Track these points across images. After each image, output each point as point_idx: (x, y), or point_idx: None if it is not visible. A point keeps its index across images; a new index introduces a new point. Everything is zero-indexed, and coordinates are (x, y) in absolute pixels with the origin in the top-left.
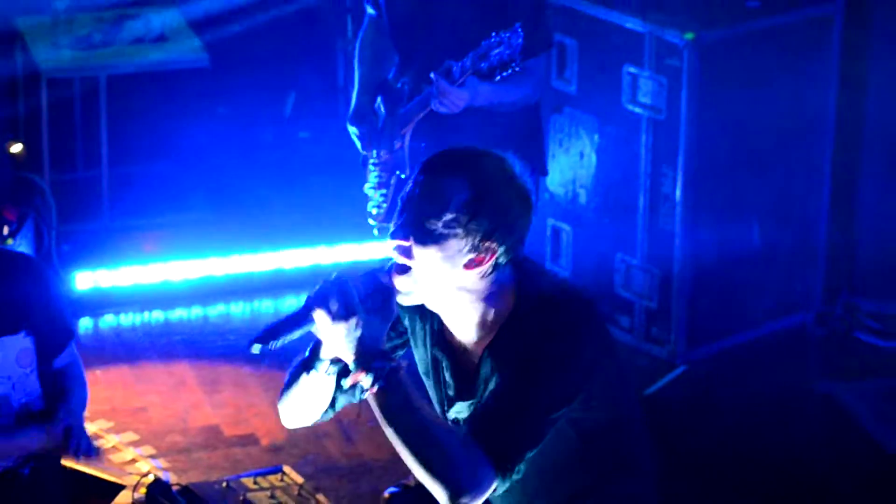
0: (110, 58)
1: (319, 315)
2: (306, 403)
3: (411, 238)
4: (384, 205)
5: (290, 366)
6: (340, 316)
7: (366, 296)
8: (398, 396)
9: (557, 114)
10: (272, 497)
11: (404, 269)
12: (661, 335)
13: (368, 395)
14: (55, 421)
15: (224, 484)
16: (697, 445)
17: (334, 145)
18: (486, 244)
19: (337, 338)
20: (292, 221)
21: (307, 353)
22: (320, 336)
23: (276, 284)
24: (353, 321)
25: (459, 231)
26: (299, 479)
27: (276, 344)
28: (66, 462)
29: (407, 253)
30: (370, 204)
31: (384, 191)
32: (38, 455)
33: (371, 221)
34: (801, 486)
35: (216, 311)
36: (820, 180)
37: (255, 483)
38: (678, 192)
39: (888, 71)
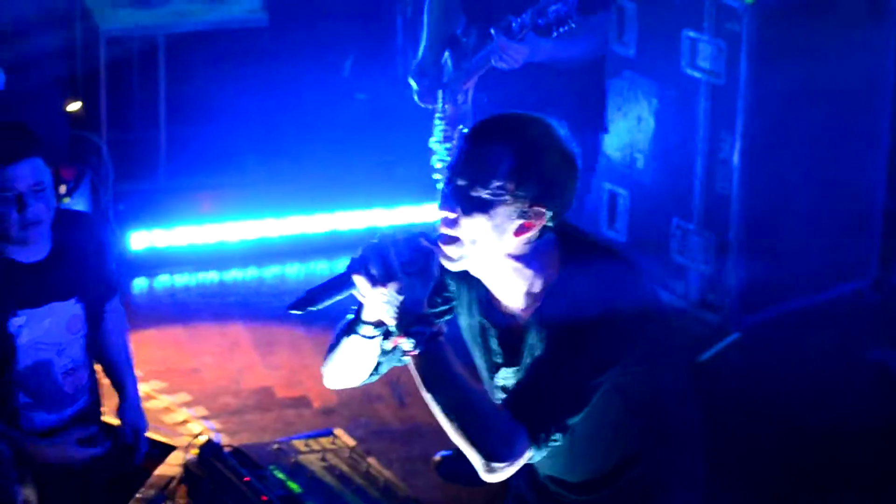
0: (169, 17)
1: (359, 279)
2: (349, 366)
3: (458, 208)
4: (448, 158)
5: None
6: (380, 280)
7: (406, 260)
8: (437, 361)
9: (616, 77)
10: (323, 460)
11: (452, 239)
12: (715, 301)
13: (409, 359)
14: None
15: (276, 446)
16: (750, 412)
17: (391, 107)
18: (534, 209)
19: (377, 301)
20: (348, 183)
21: (351, 316)
22: (362, 300)
23: (331, 246)
24: (392, 285)
25: (507, 198)
26: (351, 442)
27: (316, 308)
28: (118, 422)
29: (454, 223)
30: (434, 158)
31: (448, 145)
32: (82, 418)
33: (435, 175)
34: (853, 455)
35: (271, 272)
36: (877, 146)
37: (307, 445)
38: (736, 158)
39: None
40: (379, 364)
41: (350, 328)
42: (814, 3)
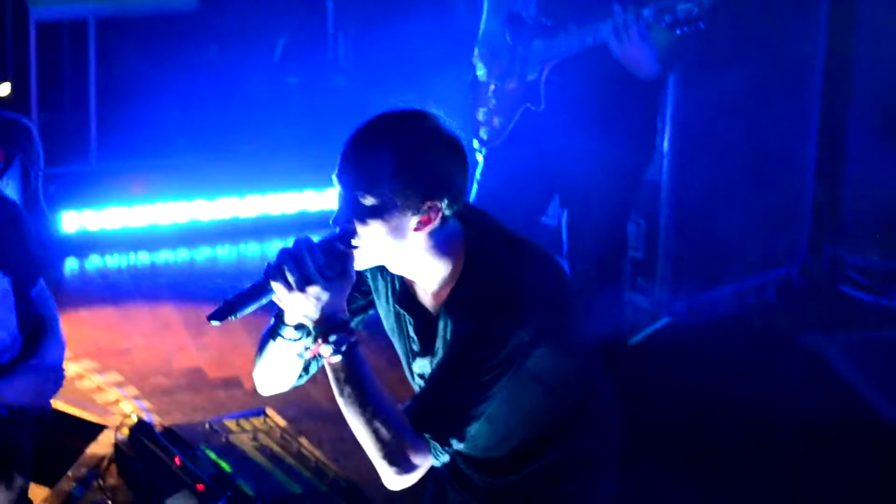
0: (100, 1)
1: (277, 286)
2: (277, 369)
3: (354, 220)
4: (496, 129)
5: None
6: (297, 286)
7: (324, 264)
8: (354, 372)
9: None
10: (254, 439)
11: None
12: (646, 285)
13: (325, 364)
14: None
15: (207, 426)
16: (680, 395)
17: (322, 91)
18: (428, 204)
19: (297, 307)
20: (279, 166)
21: (272, 320)
22: (281, 305)
23: (262, 228)
24: (310, 290)
25: (397, 200)
26: (282, 423)
27: (236, 316)
28: (52, 400)
29: (353, 234)
30: (482, 130)
31: (501, 118)
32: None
33: (476, 144)
34: (781, 438)
35: (202, 254)
36: (807, 132)
37: (238, 425)
38: (665, 144)
39: (876, 21)
40: (308, 364)
41: (273, 332)
42: None
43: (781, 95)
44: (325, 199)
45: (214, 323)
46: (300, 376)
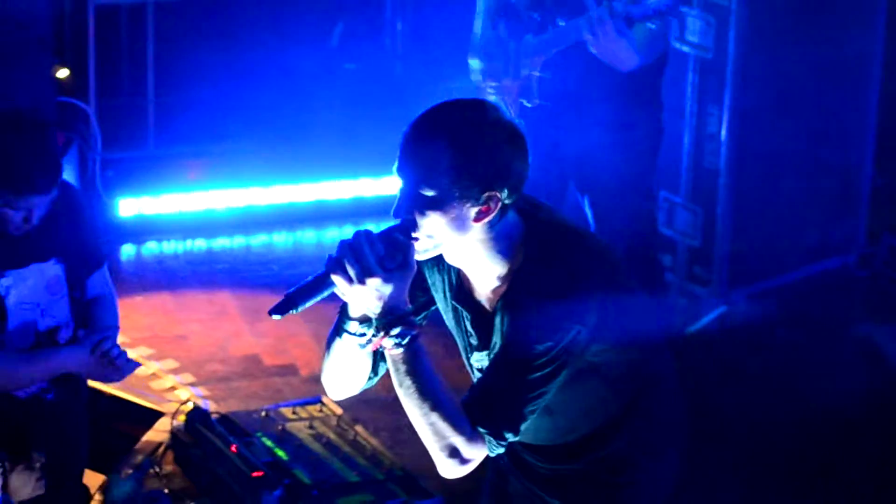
0: None
1: (337, 279)
2: (346, 369)
3: (414, 212)
4: None
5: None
6: (358, 278)
7: (384, 255)
8: (415, 364)
9: None
10: (311, 427)
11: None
12: (703, 274)
13: (387, 356)
14: (80, 342)
15: (263, 413)
16: (736, 384)
17: (380, 77)
18: (487, 194)
19: (358, 300)
20: (336, 152)
21: (337, 318)
22: (343, 298)
23: (318, 215)
24: (371, 282)
25: (456, 190)
26: (338, 411)
27: (297, 310)
28: (108, 388)
29: (413, 225)
30: None
31: None
32: (63, 381)
33: None
34: (835, 426)
35: (259, 240)
36: (865, 121)
37: (294, 413)
38: (723, 132)
39: None
40: (376, 365)
41: (338, 328)
42: None
43: (839, 81)
44: (382, 185)
45: (276, 317)
46: (369, 378)
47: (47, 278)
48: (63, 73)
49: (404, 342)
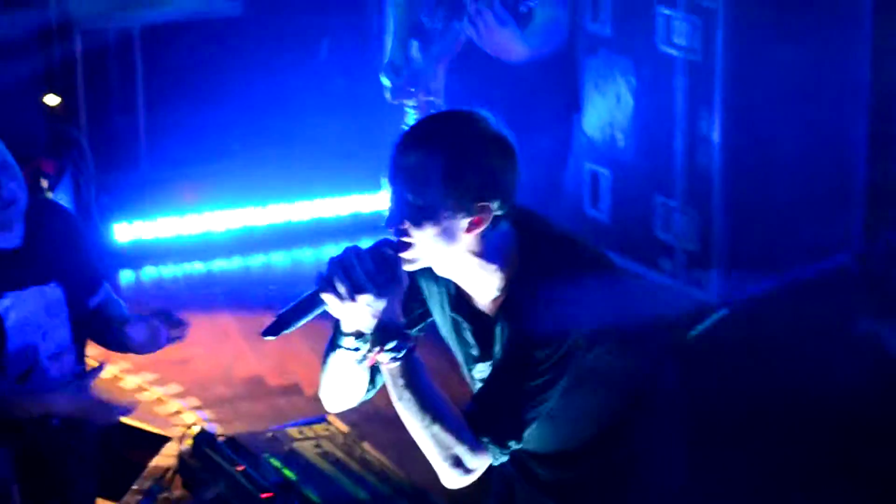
0: (143, 8)
1: (328, 297)
2: (343, 383)
3: (406, 221)
4: None
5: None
6: (348, 295)
7: (374, 271)
8: (412, 376)
9: (592, 56)
10: (318, 446)
11: (407, 246)
12: (702, 277)
13: (383, 370)
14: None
15: (269, 434)
16: (740, 387)
17: (370, 91)
18: (479, 204)
19: (351, 316)
20: (331, 170)
21: (332, 333)
22: (336, 315)
23: (315, 233)
24: (362, 299)
25: (448, 201)
26: (344, 428)
27: (290, 330)
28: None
29: (405, 234)
30: None
31: None
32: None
33: None
34: (842, 425)
35: (257, 261)
36: (857, 118)
37: (301, 433)
38: (716, 134)
39: None
40: (374, 377)
41: (333, 343)
42: None
43: (830, 79)
44: (378, 201)
45: (269, 338)
46: (368, 390)
47: (47, 301)
48: (53, 99)
49: (400, 356)
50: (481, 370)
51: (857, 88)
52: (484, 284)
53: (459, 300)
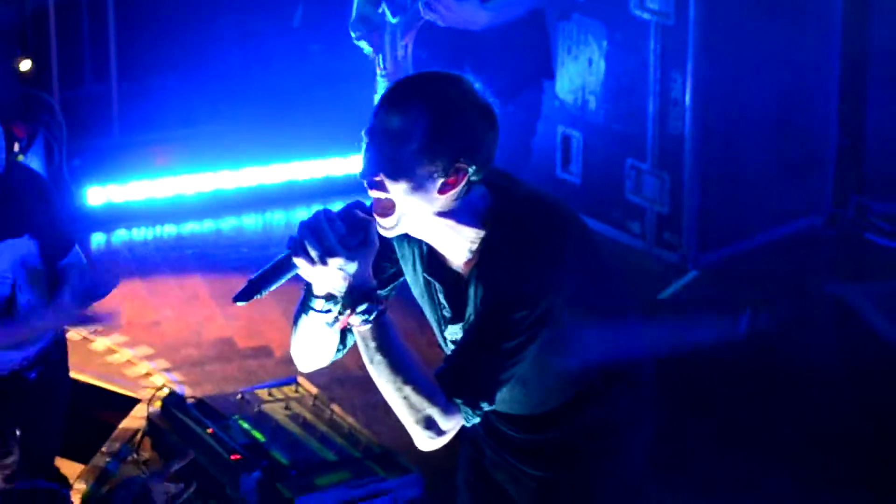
0: None
1: (299, 261)
2: (313, 343)
3: (381, 174)
4: None
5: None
6: (320, 259)
7: (345, 234)
8: (383, 338)
9: (565, 21)
10: (287, 408)
11: (384, 209)
12: (672, 240)
13: (355, 332)
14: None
15: (239, 396)
16: (708, 350)
17: (344, 57)
18: (456, 166)
19: (322, 280)
20: (304, 133)
21: (303, 294)
22: (307, 279)
23: (288, 196)
24: (334, 261)
25: (426, 158)
26: (314, 390)
27: (262, 294)
28: (82, 377)
29: (381, 187)
30: None
31: None
32: (47, 362)
33: None
34: (811, 386)
35: (228, 224)
36: (828, 84)
37: (270, 394)
38: (687, 97)
39: None
40: (344, 337)
41: (304, 305)
42: None
43: (801, 44)
44: (351, 164)
45: (240, 304)
46: (338, 350)
47: (21, 254)
48: (25, 64)
49: (371, 318)
50: (453, 332)
51: (828, 54)
52: (457, 245)
53: (432, 260)
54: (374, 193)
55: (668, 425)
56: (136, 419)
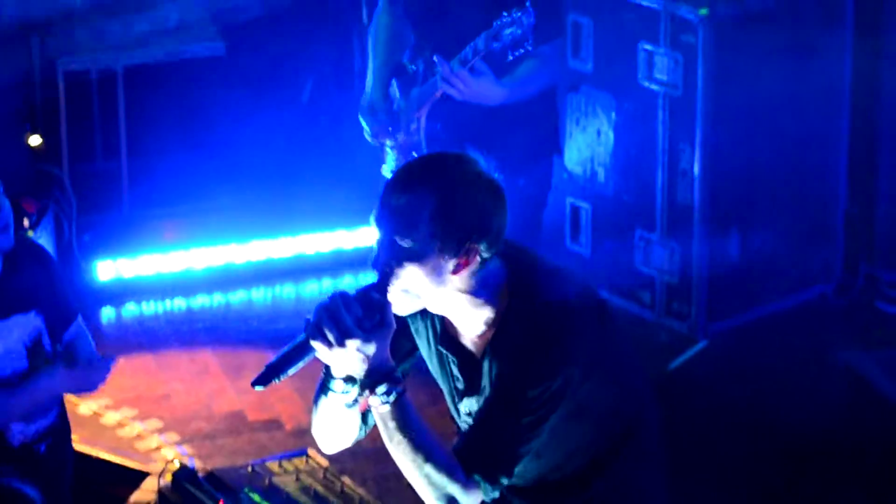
0: (126, 49)
1: (317, 344)
2: (335, 424)
3: (392, 263)
4: None
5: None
6: (337, 341)
7: (362, 316)
8: (403, 418)
9: (574, 92)
10: (298, 480)
11: (393, 287)
12: (682, 309)
13: (374, 412)
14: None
15: (249, 469)
16: (721, 419)
17: (352, 130)
18: (466, 246)
19: (341, 362)
20: (312, 207)
21: (322, 377)
22: (325, 361)
23: (297, 269)
24: (351, 344)
25: (436, 242)
26: (324, 462)
27: (280, 378)
28: (93, 451)
29: (394, 275)
30: None
31: None
32: (53, 432)
33: None
34: (824, 457)
35: (238, 297)
36: (837, 151)
37: (281, 467)
38: (696, 167)
39: None
40: (366, 416)
41: (323, 387)
42: (768, 13)
43: (809, 112)
44: (359, 237)
45: (258, 388)
46: (360, 429)
47: (29, 330)
48: (35, 140)
49: (391, 399)
50: (467, 404)
51: (837, 121)
52: (472, 319)
53: (445, 334)
54: (387, 283)
55: (680, 493)
56: (146, 493)
